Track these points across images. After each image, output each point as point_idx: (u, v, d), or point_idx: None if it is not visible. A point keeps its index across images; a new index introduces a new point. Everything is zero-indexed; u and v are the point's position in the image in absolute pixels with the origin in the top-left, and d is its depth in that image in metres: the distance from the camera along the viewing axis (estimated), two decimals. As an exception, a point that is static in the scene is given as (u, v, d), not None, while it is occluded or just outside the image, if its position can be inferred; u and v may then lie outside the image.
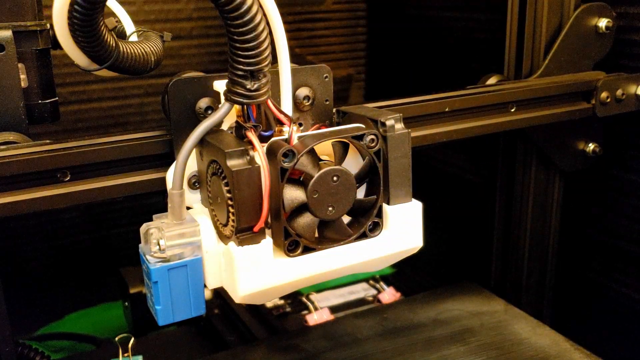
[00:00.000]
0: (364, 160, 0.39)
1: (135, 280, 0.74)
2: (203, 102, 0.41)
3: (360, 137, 0.37)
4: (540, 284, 0.73)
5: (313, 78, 0.43)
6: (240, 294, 0.37)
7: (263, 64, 0.36)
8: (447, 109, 0.53)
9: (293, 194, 0.37)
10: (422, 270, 0.89)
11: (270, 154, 0.36)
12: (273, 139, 0.38)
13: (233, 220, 0.36)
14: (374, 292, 0.80)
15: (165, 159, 0.42)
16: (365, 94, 0.97)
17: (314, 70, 0.43)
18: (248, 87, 0.36)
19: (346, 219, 0.40)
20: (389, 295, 0.78)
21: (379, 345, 0.60)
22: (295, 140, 0.37)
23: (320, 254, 0.38)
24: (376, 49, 0.95)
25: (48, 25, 0.45)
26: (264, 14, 0.36)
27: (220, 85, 0.40)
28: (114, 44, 0.41)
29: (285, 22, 0.38)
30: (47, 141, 0.40)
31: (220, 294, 0.78)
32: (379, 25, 0.94)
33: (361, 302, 0.78)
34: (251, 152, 0.35)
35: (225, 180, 0.35)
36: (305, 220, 0.38)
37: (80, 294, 0.83)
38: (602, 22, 0.63)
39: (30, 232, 0.79)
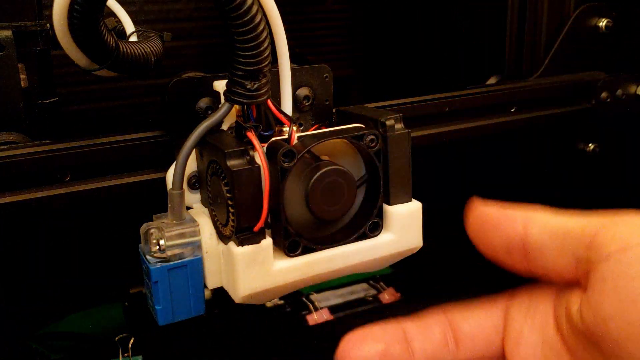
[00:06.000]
0: (363, 160, 0.39)
1: (135, 280, 0.74)
2: (203, 102, 0.41)
3: (360, 137, 0.37)
4: (540, 284, 0.73)
5: (313, 78, 0.43)
6: (240, 294, 0.37)
7: (263, 64, 0.36)
8: (447, 109, 0.53)
9: (293, 194, 0.37)
10: (422, 270, 0.89)
11: (270, 154, 0.36)
12: (273, 139, 0.38)
13: (233, 221, 0.36)
14: (374, 292, 0.80)
15: (165, 159, 0.42)
16: (365, 94, 0.97)
17: (314, 70, 0.43)
18: (248, 87, 0.36)
19: (346, 218, 0.40)
20: (388, 295, 0.78)
21: (379, 345, 0.60)
22: (295, 140, 0.37)
23: (320, 254, 0.38)
24: (376, 49, 0.95)
25: (48, 25, 0.45)
26: (264, 14, 0.36)
27: (220, 85, 0.40)
28: (114, 44, 0.41)
29: (285, 22, 0.38)
30: (47, 141, 0.40)
31: (220, 294, 0.78)
32: (379, 26, 0.94)
33: (361, 302, 0.78)
34: (251, 152, 0.35)
35: (225, 181, 0.35)
36: (305, 220, 0.38)
37: (80, 294, 0.83)
38: (602, 22, 0.63)
39: (30, 232, 0.79)
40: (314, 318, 0.72)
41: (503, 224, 0.29)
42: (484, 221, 0.31)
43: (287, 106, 0.40)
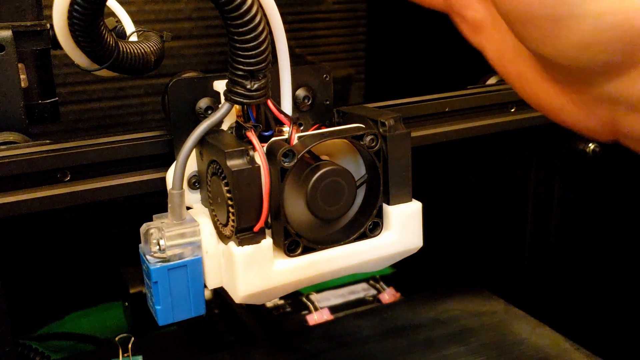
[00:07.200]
0: (363, 160, 0.40)
1: (135, 280, 0.74)
2: (203, 102, 0.41)
3: (360, 137, 0.37)
4: (540, 284, 0.73)
5: (313, 78, 0.43)
6: (240, 294, 0.37)
7: (263, 64, 0.36)
8: (447, 109, 0.53)
9: (293, 194, 0.37)
10: (422, 270, 0.89)
11: (270, 154, 0.36)
12: (273, 139, 0.38)
13: (233, 220, 0.36)
14: (374, 292, 0.80)
15: (165, 159, 0.42)
16: (365, 94, 0.97)
17: (314, 70, 0.43)
18: (248, 87, 0.36)
19: (346, 218, 0.40)
20: (389, 295, 0.78)
21: (379, 345, 0.60)
22: (295, 140, 0.37)
23: (320, 254, 0.38)
24: (376, 49, 0.95)
25: (48, 25, 0.45)
26: (264, 14, 0.36)
27: (220, 85, 0.40)
28: (114, 44, 0.41)
29: (285, 22, 0.38)
30: (47, 141, 0.40)
31: (220, 294, 0.78)
32: (379, 25, 0.94)
33: (361, 302, 0.78)
34: (251, 152, 0.35)
35: (225, 181, 0.35)
36: (305, 220, 0.38)
37: (80, 294, 0.83)
38: (602, 22, 0.62)
39: (30, 232, 0.79)
40: (314, 318, 0.72)
41: None
42: None
43: (287, 106, 0.40)
